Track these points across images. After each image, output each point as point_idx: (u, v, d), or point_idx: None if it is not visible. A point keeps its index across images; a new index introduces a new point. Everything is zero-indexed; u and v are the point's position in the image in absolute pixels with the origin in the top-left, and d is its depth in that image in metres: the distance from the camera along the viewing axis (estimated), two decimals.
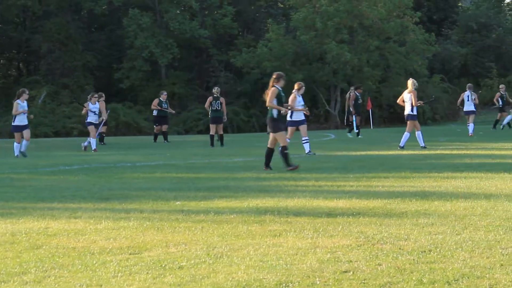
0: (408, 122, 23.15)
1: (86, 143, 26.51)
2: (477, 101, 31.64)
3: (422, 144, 22.51)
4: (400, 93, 49.72)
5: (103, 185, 14.15)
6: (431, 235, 7.91)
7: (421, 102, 25.43)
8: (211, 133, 28.08)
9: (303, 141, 21.86)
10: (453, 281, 5.95)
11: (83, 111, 27.75)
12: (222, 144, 27.74)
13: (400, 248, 7.25)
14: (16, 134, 24.32)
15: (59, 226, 9.08)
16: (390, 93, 52.07)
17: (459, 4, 69.41)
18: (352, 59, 50.25)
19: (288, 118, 21.51)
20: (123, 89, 54.76)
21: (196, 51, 58.87)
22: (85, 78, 55.08)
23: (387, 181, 13.54)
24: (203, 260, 6.95)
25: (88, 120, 26.97)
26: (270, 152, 16.62)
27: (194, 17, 55.98)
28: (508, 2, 72.45)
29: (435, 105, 53.49)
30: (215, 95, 28.09)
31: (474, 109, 31.38)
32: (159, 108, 32.10)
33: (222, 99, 27.93)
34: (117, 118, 50.32)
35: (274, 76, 17.08)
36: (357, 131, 32.16)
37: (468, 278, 6.04)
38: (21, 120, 24.01)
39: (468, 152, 20.70)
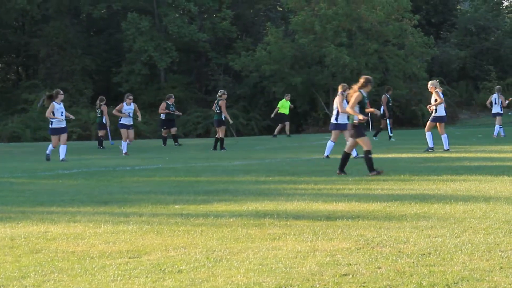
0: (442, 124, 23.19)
1: (125, 150, 25.94)
2: (504, 104, 31.88)
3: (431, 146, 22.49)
4: (399, 96, 49.77)
5: (102, 189, 14.15)
6: (431, 238, 7.91)
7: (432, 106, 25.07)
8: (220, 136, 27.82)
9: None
10: (452, 284, 5.95)
11: (120, 114, 26.95)
12: (214, 148, 27.27)
13: (399, 251, 7.25)
14: (53, 138, 23.36)
15: (58, 230, 9.08)
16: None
17: (458, 7, 69.46)
18: (351, 62, 50.23)
19: (333, 121, 21.15)
20: (122, 93, 54.57)
21: (195, 54, 58.85)
22: (84, 82, 55.05)
23: (386, 184, 13.54)
24: (203, 263, 6.95)
25: (120, 122, 26.51)
26: (346, 157, 15.93)
27: (193, 21, 55.97)
28: (506, 5, 72.53)
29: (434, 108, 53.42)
30: (217, 98, 27.92)
31: (501, 111, 31.70)
32: (167, 111, 32.00)
33: (221, 102, 27.62)
34: (115, 122, 50.28)
35: (362, 80, 15.94)
36: (391, 134, 31.76)
37: (467, 281, 6.05)
38: (59, 122, 23.06)
39: (467, 155, 20.71)
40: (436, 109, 22.77)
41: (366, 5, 51.53)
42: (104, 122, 32.32)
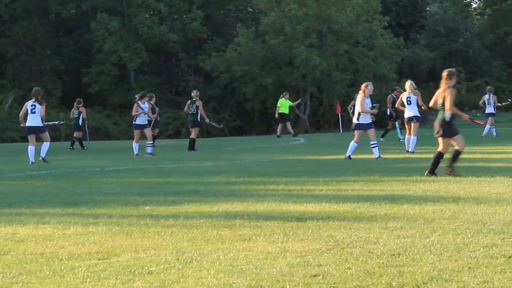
0: (413, 124, 22.98)
1: (136, 151, 25.25)
2: (496, 104, 32.11)
3: (412, 149, 22.43)
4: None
5: (71, 190, 14.08)
6: (400, 238, 7.95)
7: (423, 106, 24.82)
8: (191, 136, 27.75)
9: (372, 146, 20.63)
10: (422, 284, 5.98)
11: (138, 112, 25.70)
12: (189, 148, 27.16)
13: (369, 252, 7.28)
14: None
15: (27, 232, 9.02)
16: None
17: (427, 9, 69.89)
18: (321, 63, 50.38)
19: (355, 121, 20.77)
20: (92, 94, 54.54)
21: (165, 55, 58.77)
22: (53, 83, 54.75)
23: (356, 185, 13.58)
24: (173, 265, 6.93)
25: (136, 123, 25.62)
26: (440, 157, 14.91)
27: (163, 21, 55.90)
28: (475, 7, 73.10)
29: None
30: (193, 99, 27.73)
31: (494, 112, 31.97)
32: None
33: (198, 103, 27.51)
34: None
35: (445, 73, 14.81)
36: (401, 137, 30.39)
37: (437, 281, 6.08)
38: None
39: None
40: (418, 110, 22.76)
41: (336, 7, 51.75)
42: (80, 124, 31.99)
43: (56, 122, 31.54)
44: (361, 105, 20.49)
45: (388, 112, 30.86)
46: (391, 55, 54.29)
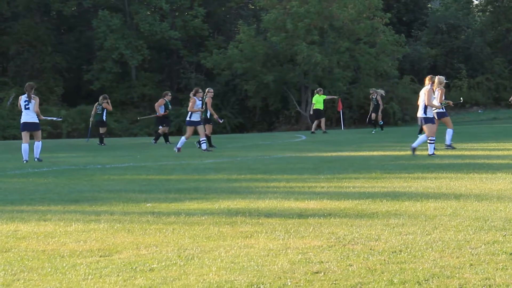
0: (442, 120, 22.32)
1: (204, 147, 24.97)
2: None
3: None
4: (369, 95, 49.61)
5: (72, 187, 14.08)
6: (402, 235, 7.95)
7: (450, 102, 24.35)
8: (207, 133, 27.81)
9: (429, 141, 19.99)
10: (423, 281, 5.98)
11: (196, 109, 25.35)
12: (210, 145, 27.18)
13: (371, 249, 7.28)
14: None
15: (29, 229, 9.02)
16: (361, 94, 52.32)
17: (429, 5, 69.92)
18: (322, 60, 50.35)
19: (422, 115, 20.17)
20: (93, 91, 54.51)
21: (167, 52, 58.80)
22: (54, 80, 54.80)
23: (357, 182, 13.58)
24: (174, 262, 6.93)
25: (190, 119, 25.20)
26: None
27: (165, 19, 55.90)
28: (476, 4, 73.05)
29: (405, 106, 53.75)
30: (205, 95, 27.80)
31: None
32: (164, 111, 31.46)
33: (208, 100, 27.53)
34: (86, 120, 50.09)
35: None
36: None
37: (438, 278, 6.08)
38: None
39: (438, 152, 20.80)
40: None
41: (337, 3, 51.72)
42: (105, 120, 31.95)
43: (54, 119, 31.38)
44: (428, 98, 20.00)
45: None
46: (392, 52, 54.29)
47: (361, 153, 21.66)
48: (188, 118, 25.32)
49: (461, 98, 33.48)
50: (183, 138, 25.21)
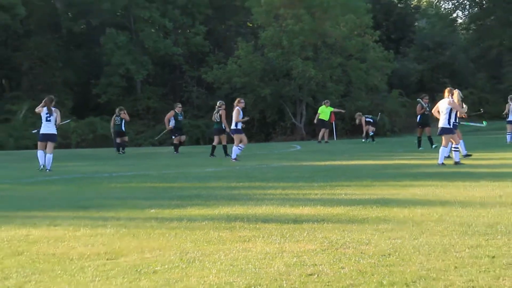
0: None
1: (237, 153, 25.05)
2: None
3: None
4: (361, 107, 49.66)
5: (81, 194, 14.07)
6: (391, 239, 7.94)
7: (465, 115, 23.94)
8: (214, 143, 27.98)
9: (454, 149, 19.85)
10: (411, 283, 5.98)
11: (240, 119, 25.69)
12: (226, 153, 27.32)
13: (361, 252, 7.27)
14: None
15: (40, 234, 9.01)
16: (352, 107, 52.34)
17: (416, 24, 70.05)
18: (316, 75, 50.44)
19: (445, 125, 19.60)
20: (101, 104, 54.61)
21: (170, 67, 58.85)
22: (64, 94, 54.80)
23: (349, 189, 13.57)
24: (177, 264, 6.92)
25: (237, 128, 25.46)
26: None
27: (168, 36, 55.99)
28: (460, 22, 73.27)
29: (394, 118, 53.81)
30: (218, 108, 28.04)
31: None
32: (174, 120, 31.38)
33: (222, 112, 27.74)
34: (94, 131, 50.19)
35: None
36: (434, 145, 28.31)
37: (425, 280, 6.08)
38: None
39: (425, 162, 20.81)
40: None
41: (330, 22, 51.84)
42: (124, 129, 31.92)
43: (68, 121, 31.89)
44: (459, 108, 19.82)
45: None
46: (382, 67, 54.38)
47: (353, 162, 21.65)
48: (234, 127, 25.46)
49: (481, 109, 33.01)
50: (234, 147, 25.24)
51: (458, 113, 20.70)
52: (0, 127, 49.55)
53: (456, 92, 20.55)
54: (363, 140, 37.81)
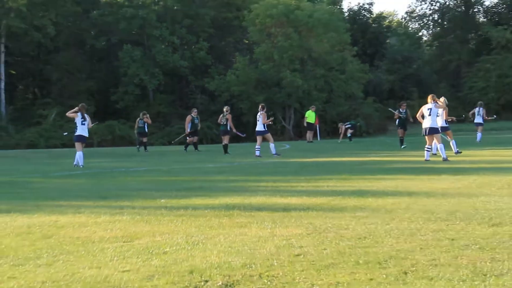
0: (446, 132, 22.07)
1: (275, 152, 24.82)
2: (485, 116, 30.86)
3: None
4: (341, 112, 49.51)
5: (101, 186, 14.05)
6: (366, 225, 7.94)
7: (453, 118, 24.10)
8: (223, 143, 27.98)
9: (427, 149, 19.55)
10: (383, 262, 5.98)
11: (267, 121, 25.09)
12: (225, 151, 27.49)
13: (341, 236, 7.27)
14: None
15: (66, 220, 8.99)
16: (333, 111, 52.44)
17: (387, 41, 70.11)
18: (303, 84, 50.47)
19: (431, 125, 19.31)
20: (119, 109, 54.56)
21: (178, 78, 58.81)
22: (88, 100, 54.73)
23: (331, 182, 13.57)
24: (183, 246, 6.91)
25: (265, 129, 25.03)
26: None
27: (176, 51, 55.95)
28: (425, 40, 73.36)
29: (368, 121, 53.82)
30: (224, 113, 27.99)
31: (482, 122, 30.82)
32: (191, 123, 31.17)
33: (228, 116, 27.68)
34: (113, 132, 50.13)
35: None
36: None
37: (395, 259, 6.08)
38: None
39: (396, 158, 20.83)
40: (445, 121, 21.90)
41: (314, 39, 51.88)
42: (146, 131, 31.78)
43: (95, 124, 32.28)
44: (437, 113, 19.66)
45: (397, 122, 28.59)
46: (359, 78, 54.44)
47: (334, 159, 21.66)
48: (265, 129, 24.98)
49: (463, 115, 33.32)
50: (271, 144, 25.05)
51: (446, 115, 21.15)
52: (33, 129, 49.49)
53: (442, 98, 21.27)
54: (339, 141, 37.93)
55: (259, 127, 24.77)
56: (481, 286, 5.15)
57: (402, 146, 27.61)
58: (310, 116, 37.73)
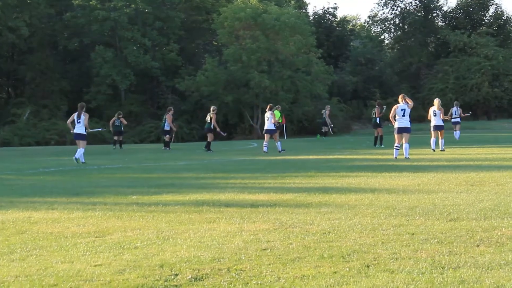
0: (440, 131, 22.75)
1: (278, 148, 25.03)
2: (462, 115, 31.77)
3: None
4: (307, 111, 49.81)
5: (74, 183, 13.94)
6: (330, 220, 7.98)
7: (448, 117, 24.61)
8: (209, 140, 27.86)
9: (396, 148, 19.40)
10: (346, 255, 6.02)
11: (274, 120, 25.57)
12: (207, 148, 27.40)
13: (306, 231, 7.30)
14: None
15: (40, 216, 8.91)
16: (299, 111, 52.58)
17: (351, 43, 70.49)
18: (270, 85, 50.49)
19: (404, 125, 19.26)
20: (91, 108, 53.93)
21: (149, 78, 58.43)
22: (61, 100, 54.43)
23: (297, 179, 13.62)
24: (154, 241, 6.89)
25: (274, 129, 25.35)
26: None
27: (147, 52, 55.63)
28: (387, 43, 73.93)
29: (333, 121, 54.07)
30: (210, 112, 27.94)
31: (459, 120, 31.59)
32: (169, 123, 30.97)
33: (212, 115, 27.63)
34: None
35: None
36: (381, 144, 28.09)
37: (358, 253, 6.12)
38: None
39: (359, 156, 20.96)
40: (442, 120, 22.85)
41: (281, 41, 51.92)
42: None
43: (100, 129, 32.38)
44: (393, 113, 19.61)
45: (378, 121, 28.46)
46: (323, 79, 54.57)
47: (300, 157, 21.73)
48: (273, 128, 25.40)
49: (470, 112, 34.01)
50: (278, 143, 25.44)
51: (442, 115, 22.44)
52: (7, 127, 48.91)
53: (436, 100, 22.47)
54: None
55: (269, 126, 25.43)
56: (440, 278, 5.21)
57: (382, 146, 27.58)
58: (276, 116, 37.71)
